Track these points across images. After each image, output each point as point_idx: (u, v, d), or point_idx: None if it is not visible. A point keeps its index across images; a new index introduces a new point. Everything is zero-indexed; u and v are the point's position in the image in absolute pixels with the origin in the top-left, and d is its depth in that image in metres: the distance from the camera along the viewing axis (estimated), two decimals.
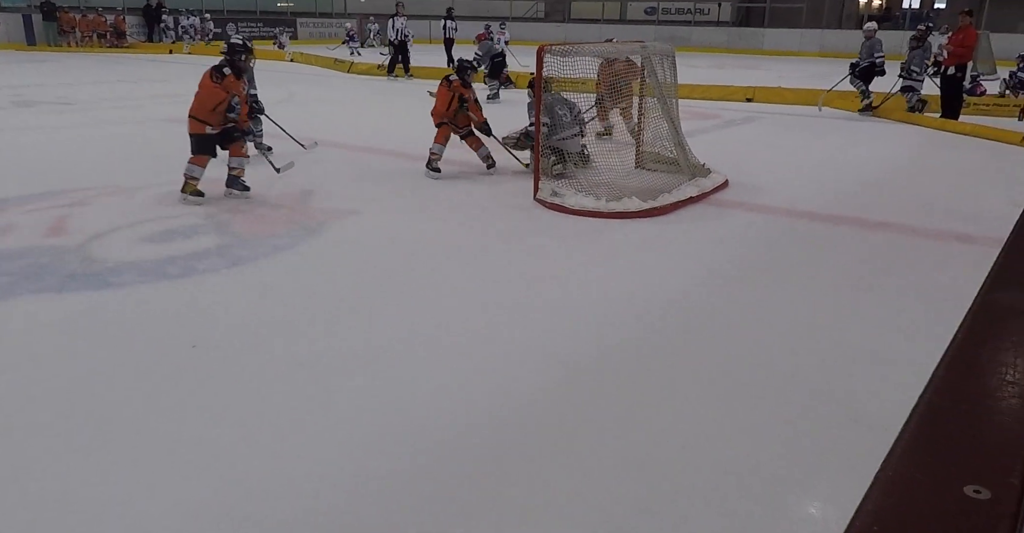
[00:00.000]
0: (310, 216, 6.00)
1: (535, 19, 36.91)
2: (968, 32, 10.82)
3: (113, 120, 10.64)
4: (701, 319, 4.15)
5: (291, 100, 13.61)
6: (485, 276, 4.76)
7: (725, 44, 31.05)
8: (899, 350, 3.69)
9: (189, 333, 3.79)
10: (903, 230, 5.87)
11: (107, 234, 5.38)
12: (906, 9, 31.09)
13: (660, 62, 7.27)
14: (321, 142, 9.22)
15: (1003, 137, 9.80)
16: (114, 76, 17.09)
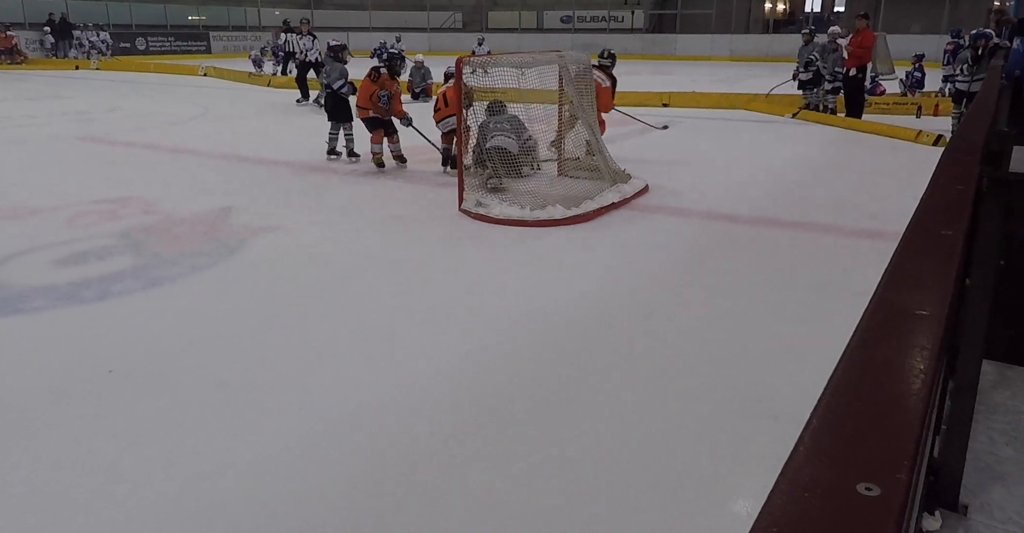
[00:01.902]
0: (230, 233, 5.87)
1: (453, 29, 36.99)
2: (865, 34, 11.30)
3: (16, 139, 10.24)
4: (624, 322, 4.22)
5: (205, 115, 13.33)
6: (411, 288, 4.75)
7: (639, 50, 31.67)
8: (813, 346, 3.80)
9: (105, 358, 3.67)
10: (815, 228, 6.08)
11: (15, 258, 5.18)
12: (808, 13, 32.19)
13: (577, 71, 7.38)
14: (237, 157, 9.08)
15: (902, 134, 10.26)
16: (17, 93, 16.45)
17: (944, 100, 12.53)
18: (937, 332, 0.83)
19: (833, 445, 0.58)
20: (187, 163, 8.84)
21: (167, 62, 25.02)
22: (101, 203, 6.68)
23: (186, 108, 14.12)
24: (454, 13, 38.30)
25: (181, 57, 28.74)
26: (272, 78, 19.02)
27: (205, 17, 32.96)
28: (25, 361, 3.67)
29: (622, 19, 34.40)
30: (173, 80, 20.43)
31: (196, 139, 10.54)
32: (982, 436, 2.19)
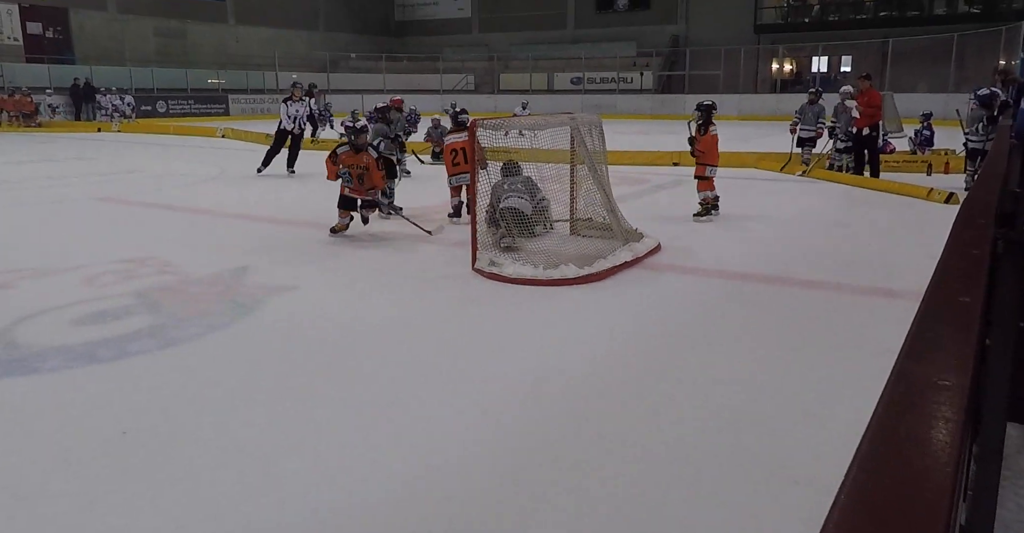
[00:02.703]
0: (245, 293, 5.92)
1: (466, 91, 37.72)
2: (871, 94, 11.43)
3: (39, 200, 10.43)
4: (640, 384, 4.19)
5: (222, 176, 13.56)
6: (425, 350, 4.74)
7: (649, 110, 32.20)
8: (833, 409, 3.78)
9: (120, 419, 3.67)
10: (829, 287, 6.06)
11: (33, 318, 5.22)
12: (815, 73, 32.70)
13: (589, 132, 7.49)
14: (253, 217, 9.19)
15: (913, 192, 10.30)
16: (41, 155, 16.80)
17: (955, 158, 12.62)
18: (960, 402, 0.83)
19: (862, 523, 0.58)
20: (204, 223, 8.97)
21: (186, 124, 25.59)
22: (119, 263, 6.76)
23: (204, 169, 14.37)
24: (466, 75, 39.13)
25: (200, 119, 29.40)
26: None
27: (224, 80, 33.79)
28: (39, 422, 3.67)
29: (631, 80, 35.04)
30: (192, 141, 20.86)
31: (213, 199, 10.71)
32: (1010, 503, 2.15)
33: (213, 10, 35.94)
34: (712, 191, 8.88)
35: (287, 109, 13.09)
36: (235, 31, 36.90)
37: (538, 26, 40.20)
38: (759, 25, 34.13)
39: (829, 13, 33.81)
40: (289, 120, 13.11)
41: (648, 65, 35.61)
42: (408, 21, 44.84)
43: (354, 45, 41.66)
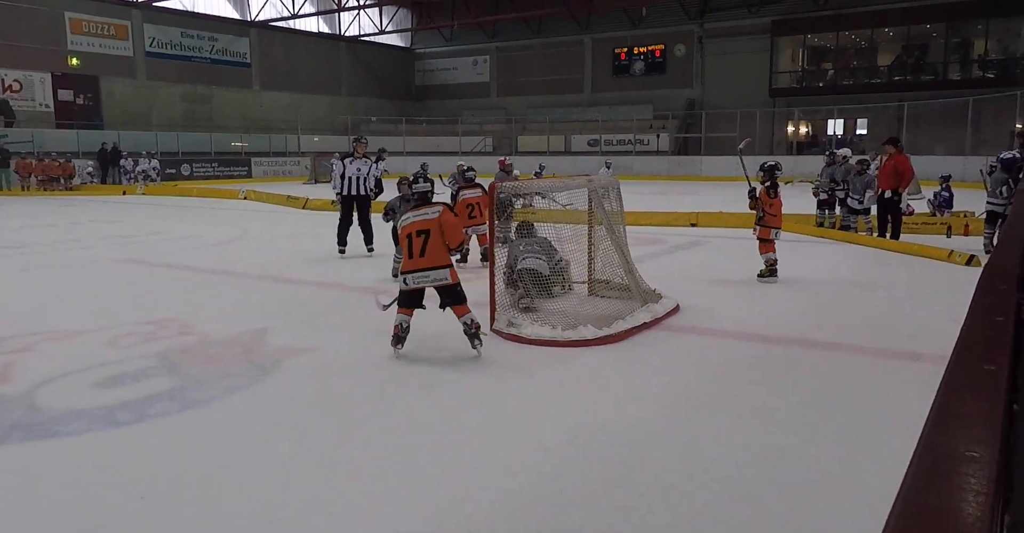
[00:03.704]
0: (265, 355, 5.93)
1: (484, 153, 38.28)
2: (899, 158, 11.45)
3: (63, 262, 10.58)
4: (663, 447, 4.13)
5: (244, 237, 13.73)
6: (446, 412, 4.72)
7: (666, 171, 32.48)
8: (858, 474, 3.71)
9: (138, 483, 3.65)
10: (852, 350, 6.00)
11: (54, 380, 5.25)
12: (831, 136, 32.97)
13: (606, 193, 7.56)
14: (273, 278, 9.28)
15: (933, 254, 10.25)
16: (66, 218, 17.12)
17: (974, 220, 12.59)
18: (989, 474, 0.82)
19: None
20: (224, 284, 9.06)
21: (209, 186, 26.06)
22: (140, 324, 6.81)
23: (225, 230, 14.58)
24: (484, 137, 39.78)
25: (223, 182, 29.95)
26: (308, 201, 19.63)
27: (247, 144, 34.50)
28: (58, 487, 3.66)
29: (647, 142, 35.46)
30: (214, 203, 21.20)
31: (234, 261, 10.83)
32: None
33: (238, 76, 36.95)
34: (774, 253, 8.85)
35: (343, 168, 10.69)
36: (259, 96, 37.85)
37: (556, 90, 40.99)
38: (774, 89, 34.61)
39: (843, 78, 34.26)
40: (344, 182, 10.67)
41: (664, 127, 36.08)
42: (428, 85, 45.87)
43: (375, 109, 42.59)
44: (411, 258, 5.70)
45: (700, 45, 36.99)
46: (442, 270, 5.69)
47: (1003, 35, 30.86)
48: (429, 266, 5.66)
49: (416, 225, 5.71)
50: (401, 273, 5.78)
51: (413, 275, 5.70)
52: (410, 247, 5.69)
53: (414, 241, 5.67)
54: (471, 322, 5.72)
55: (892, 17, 31.87)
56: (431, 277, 5.67)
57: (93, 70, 31.22)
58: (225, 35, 36.05)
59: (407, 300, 5.77)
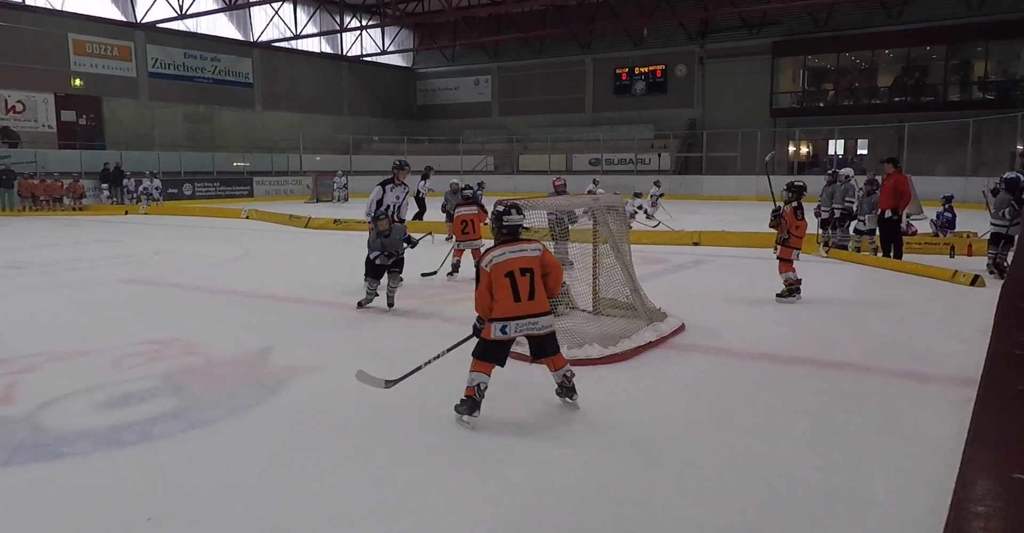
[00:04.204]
0: (270, 374, 5.90)
1: (485, 172, 38.37)
2: (897, 178, 11.46)
3: (67, 282, 10.57)
4: (671, 467, 4.10)
5: (247, 257, 13.72)
6: (450, 432, 4.68)
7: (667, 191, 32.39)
8: (873, 496, 3.67)
9: (144, 505, 3.62)
10: (859, 369, 5.97)
11: (58, 401, 5.22)
12: (832, 156, 33.03)
13: (611, 212, 7.55)
14: (277, 297, 9.26)
15: (938, 274, 10.22)
16: (69, 238, 17.12)
17: (977, 240, 12.59)
18: None
19: None
20: (228, 304, 9.04)
21: (212, 206, 26.10)
22: (145, 344, 6.78)
23: (229, 249, 14.57)
24: (486, 156, 39.88)
25: (225, 201, 29.98)
26: (310, 220, 19.66)
27: (249, 163, 34.59)
28: (63, 508, 3.63)
29: (649, 161, 35.55)
30: (217, 223, 21.22)
31: (237, 280, 10.82)
32: None
33: (241, 96, 37.12)
34: (795, 273, 8.82)
35: (382, 194, 9.86)
36: (261, 116, 38.01)
37: (557, 110, 41.17)
38: (775, 109, 34.74)
39: (844, 98, 34.42)
40: (375, 207, 9.69)
41: (665, 147, 36.18)
42: (430, 105, 46.08)
43: (377, 128, 42.75)
44: (517, 301, 4.69)
45: (701, 65, 37.19)
46: (549, 316, 4.85)
47: (1002, 57, 31.05)
48: (539, 311, 4.76)
49: (518, 262, 4.75)
50: (495, 319, 4.72)
51: (517, 322, 4.71)
52: (514, 288, 4.69)
53: (519, 281, 4.70)
54: (571, 374, 4.99)
55: (892, 39, 32.07)
56: (539, 324, 4.78)
57: (96, 91, 31.36)
58: (228, 55, 36.24)
59: (490, 353, 4.78)
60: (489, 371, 4.75)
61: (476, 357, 4.79)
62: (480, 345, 4.80)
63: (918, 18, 30.82)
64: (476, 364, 4.78)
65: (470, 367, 4.75)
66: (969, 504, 0.66)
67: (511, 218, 4.93)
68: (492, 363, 4.77)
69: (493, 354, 4.76)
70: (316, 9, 38.08)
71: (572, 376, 5.00)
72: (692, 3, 34.01)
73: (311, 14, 38.07)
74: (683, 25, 36.08)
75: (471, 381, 4.72)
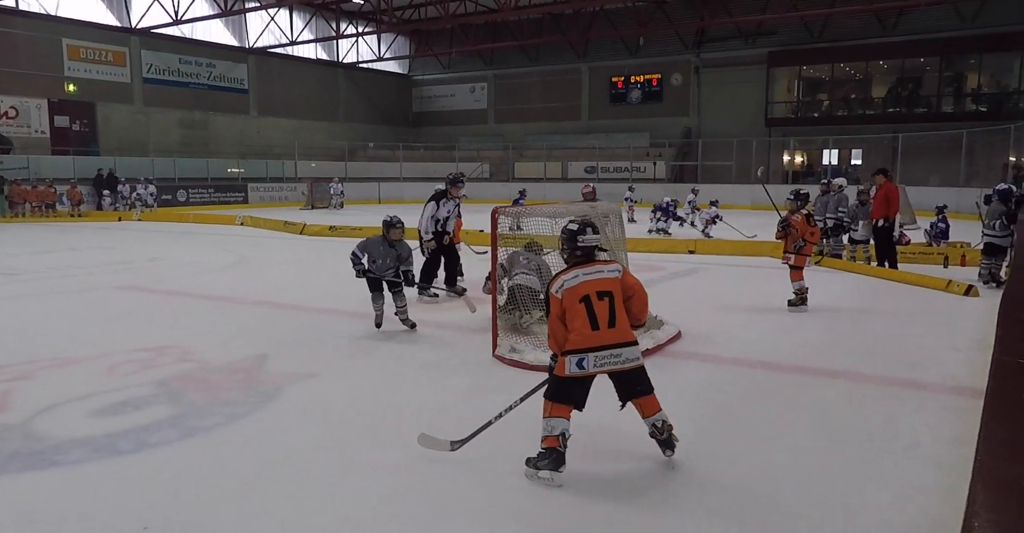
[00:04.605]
0: (267, 381, 5.89)
1: (481, 179, 38.41)
2: (887, 187, 11.52)
3: (60, 289, 10.53)
4: (668, 474, 4.09)
5: (242, 263, 13.70)
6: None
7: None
8: (872, 505, 3.67)
9: (140, 513, 3.61)
10: (855, 378, 5.98)
11: (53, 409, 5.20)
12: (826, 165, 33.16)
13: (608, 219, 7.57)
14: (272, 304, 9.24)
15: (931, 284, 10.26)
16: (63, 245, 17.06)
17: (971, 250, 12.63)
18: None
19: None
20: (224, 310, 9.01)
21: (206, 212, 26.05)
22: (140, 351, 6.76)
23: (223, 256, 14.54)
24: (481, 163, 39.89)
25: (219, 207, 29.93)
26: (305, 226, 19.64)
27: (243, 170, 34.54)
28: (58, 518, 3.60)
29: (644, 169, 35.61)
30: (211, 229, 21.18)
31: (232, 287, 10.79)
32: None
33: (236, 102, 37.09)
34: (804, 281, 8.85)
35: (436, 209, 9.67)
36: (256, 122, 37.98)
37: (553, 117, 41.24)
38: (770, 118, 34.88)
39: (838, 108, 34.58)
40: (432, 223, 9.61)
41: (661, 155, 36.27)
42: (426, 112, 46.12)
43: (372, 135, 42.76)
44: (595, 329, 4.00)
45: (697, 75, 37.32)
46: (635, 347, 4.11)
47: (995, 70, 31.25)
48: (622, 341, 4.04)
49: (594, 285, 4.09)
50: (569, 352, 4.02)
51: (597, 354, 3.98)
52: (591, 315, 4.01)
53: (596, 306, 4.03)
54: (665, 422, 4.19)
55: (886, 50, 32.24)
56: (623, 356, 4.04)
57: (90, 96, 31.29)
58: (223, 61, 36.22)
59: (565, 392, 4.05)
60: (568, 415, 4.03)
61: (550, 399, 4.06)
62: (553, 384, 4.09)
63: (912, 30, 30.99)
64: (551, 407, 4.02)
65: (544, 412, 4.04)
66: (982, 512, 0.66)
67: (586, 238, 4.26)
68: (569, 405, 4.05)
69: (569, 394, 4.03)
70: (312, 15, 38.12)
71: (668, 427, 4.15)
72: (688, 12, 34.17)
73: (307, 20, 38.12)
74: (679, 34, 36.22)
75: (549, 429, 3.99)
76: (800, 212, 8.88)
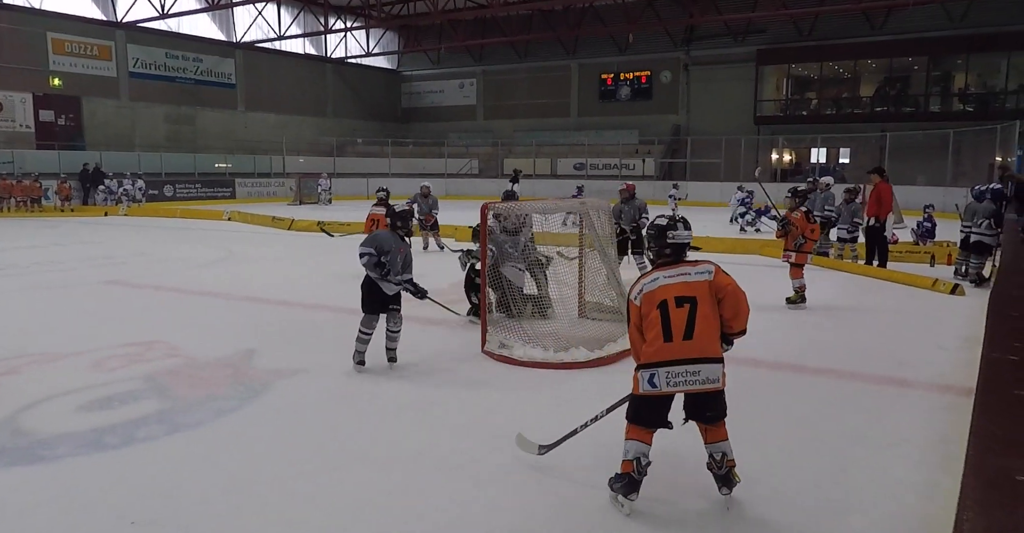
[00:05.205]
0: (254, 376, 5.87)
1: (470, 175, 38.38)
2: (881, 186, 11.58)
3: (47, 284, 10.45)
4: (655, 471, 4.10)
5: (229, 258, 13.64)
6: (438, 433, 4.67)
7: (651, 196, 32.48)
8: (859, 502, 3.69)
9: (127, 508, 3.59)
10: (841, 375, 6.01)
11: (39, 404, 5.16)
12: (814, 163, 33.28)
13: (597, 216, 7.58)
14: (260, 299, 9.20)
15: (918, 282, 10.32)
16: (48, 240, 16.92)
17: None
18: None
19: None
20: (211, 306, 8.97)
21: (193, 207, 25.91)
22: (127, 346, 6.73)
23: (211, 252, 14.47)
24: (471, 160, 39.84)
25: (206, 202, 29.77)
26: (293, 221, 19.55)
27: (231, 165, 34.35)
28: (46, 513, 3.58)
29: (633, 166, 35.64)
30: (198, 225, 21.06)
31: (220, 282, 10.74)
32: None
33: (223, 97, 36.87)
34: (803, 279, 8.87)
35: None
36: (244, 117, 37.77)
37: (542, 114, 41.18)
38: (759, 117, 34.96)
39: (827, 107, 34.70)
40: None
41: (650, 152, 36.31)
42: (414, 108, 45.98)
43: (361, 130, 42.60)
44: (667, 341, 3.55)
45: (686, 72, 37.34)
46: (717, 364, 3.62)
47: (983, 70, 31.40)
48: (699, 356, 3.55)
49: (674, 289, 3.64)
50: (642, 366, 3.62)
51: (668, 370, 3.54)
52: (666, 324, 3.56)
53: (673, 314, 3.57)
54: (725, 456, 3.71)
55: (875, 49, 32.34)
56: (702, 375, 3.56)
57: (75, 91, 31.01)
58: (210, 56, 35.96)
59: (642, 413, 3.67)
60: (649, 439, 3.65)
61: (631, 421, 3.70)
62: (632, 402, 3.71)
63: (901, 29, 31.12)
64: (631, 430, 3.68)
65: (626, 432, 3.71)
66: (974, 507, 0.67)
67: (677, 234, 3.85)
68: (650, 428, 3.66)
69: (647, 415, 3.63)
70: (300, 10, 37.90)
71: (729, 463, 3.69)
72: (677, 10, 34.18)
73: (295, 15, 37.90)
74: (668, 32, 36.23)
75: (625, 452, 3.66)
76: (800, 209, 8.90)
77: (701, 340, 3.53)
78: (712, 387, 3.56)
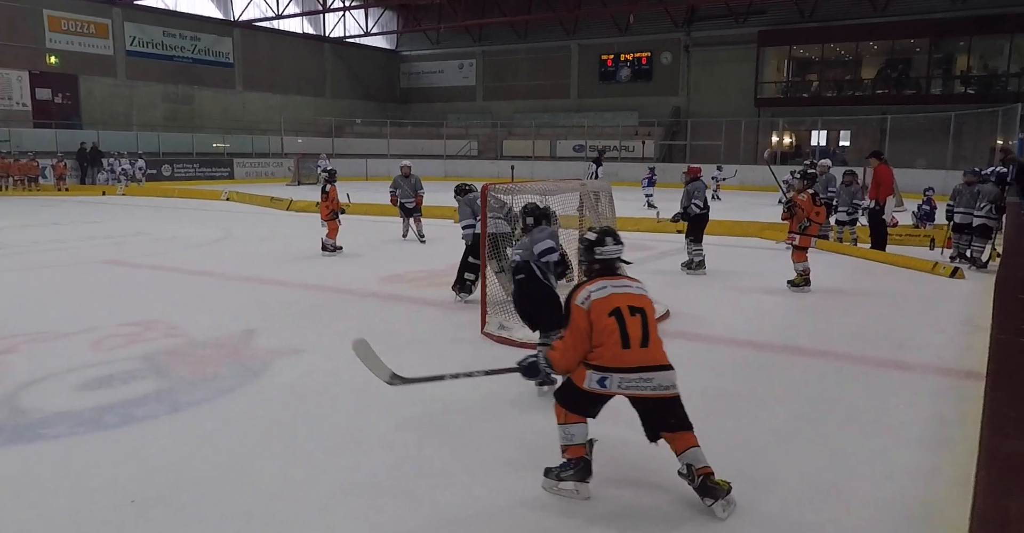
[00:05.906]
0: (253, 356, 5.87)
1: (469, 157, 38.25)
2: (880, 169, 11.54)
3: (45, 263, 10.43)
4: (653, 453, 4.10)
5: (228, 238, 13.61)
6: (434, 414, 4.68)
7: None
8: (858, 484, 3.70)
9: (127, 487, 3.59)
10: (841, 358, 6.01)
11: (38, 382, 5.16)
12: (814, 146, 33.18)
13: (598, 197, 7.56)
14: (259, 279, 9.18)
15: (918, 265, 10.31)
16: (46, 218, 16.88)
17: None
18: None
19: None
20: (210, 286, 8.96)
21: (191, 187, 25.82)
22: (126, 326, 6.72)
23: (209, 231, 14.44)
24: (470, 141, 39.71)
25: (205, 182, 29.69)
26: (292, 202, 19.48)
27: (229, 145, 34.22)
28: (44, 491, 3.58)
29: (633, 148, 35.53)
30: (197, 204, 21.01)
31: (219, 262, 10.72)
32: None
33: (221, 77, 36.68)
34: (807, 262, 8.82)
35: None
36: (242, 97, 37.59)
37: (542, 95, 40.99)
38: (759, 99, 34.81)
39: (827, 89, 34.54)
40: None
41: (650, 134, 36.17)
42: (413, 88, 45.74)
43: (360, 111, 42.40)
44: (626, 348, 3.53)
45: (686, 54, 37.14)
46: (670, 372, 3.63)
47: (985, 52, 31.24)
48: (654, 364, 3.58)
49: (626, 299, 3.64)
50: (594, 367, 3.55)
51: (623, 376, 3.52)
52: (623, 332, 3.54)
53: (628, 322, 3.56)
54: (693, 466, 3.52)
55: (876, 31, 32.15)
56: (655, 382, 3.56)
57: (72, 69, 30.83)
58: (208, 35, 35.74)
59: (580, 406, 3.66)
60: (585, 421, 3.70)
61: (564, 407, 3.68)
62: (570, 392, 3.67)
63: (903, 11, 30.92)
64: (566, 415, 3.68)
65: (558, 417, 3.70)
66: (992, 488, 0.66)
67: (605, 249, 3.83)
68: (586, 415, 3.71)
69: (585, 408, 3.66)
70: None
71: (704, 472, 3.49)
72: None
73: None
74: (669, 12, 35.97)
75: (569, 438, 3.65)
76: (807, 191, 8.85)
77: (655, 349, 3.61)
78: (665, 393, 3.59)
